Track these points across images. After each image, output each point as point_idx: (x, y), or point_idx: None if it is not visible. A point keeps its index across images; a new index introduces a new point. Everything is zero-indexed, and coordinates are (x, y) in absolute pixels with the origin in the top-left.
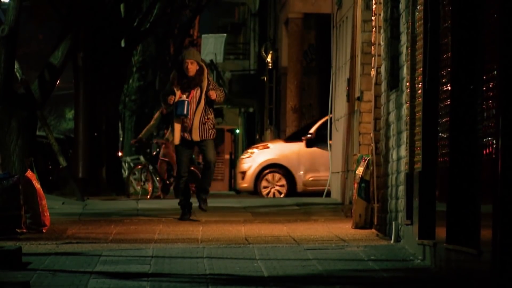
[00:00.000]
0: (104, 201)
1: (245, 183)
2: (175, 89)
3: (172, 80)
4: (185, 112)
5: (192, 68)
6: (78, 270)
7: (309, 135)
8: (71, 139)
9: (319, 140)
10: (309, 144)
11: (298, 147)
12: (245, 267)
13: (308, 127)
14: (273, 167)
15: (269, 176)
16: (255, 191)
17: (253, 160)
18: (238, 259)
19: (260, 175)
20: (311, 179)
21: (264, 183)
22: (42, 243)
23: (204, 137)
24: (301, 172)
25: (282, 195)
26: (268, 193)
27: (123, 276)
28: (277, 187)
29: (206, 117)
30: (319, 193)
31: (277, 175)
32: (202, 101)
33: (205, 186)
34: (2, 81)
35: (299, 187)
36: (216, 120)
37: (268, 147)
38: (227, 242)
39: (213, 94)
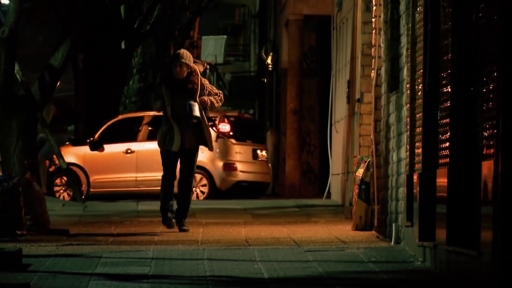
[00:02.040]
0: (104, 203)
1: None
2: (164, 94)
3: (160, 84)
4: (196, 114)
5: (181, 72)
6: (78, 272)
7: (92, 139)
8: (71, 141)
9: (102, 143)
10: (92, 147)
11: (84, 151)
12: (246, 269)
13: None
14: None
15: (59, 180)
16: (48, 192)
17: None
18: (238, 260)
19: (51, 178)
20: (97, 181)
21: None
22: (42, 245)
23: (196, 144)
24: (87, 175)
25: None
26: (59, 196)
27: (124, 278)
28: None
29: (197, 124)
30: (107, 195)
31: (65, 178)
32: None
33: (186, 206)
34: (2, 82)
35: (84, 188)
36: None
37: None
38: (228, 244)
39: (204, 101)
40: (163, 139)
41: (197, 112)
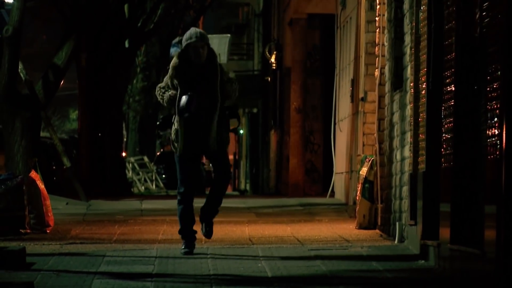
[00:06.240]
0: (108, 202)
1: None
2: (177, 82)
3: (173, 70)
4: (191, 108)
5: (203, 55)
6: (82, 271)
7: None
8: (75, 140)
9: None
10: None
11: None
12: (249, 268)
13: None
14: None
15: None
16: None
17: None
18: (242, 259)
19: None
20: None
21: None
22: (46, 243)
23: (221, 144)
24: None
25: None
26: None
27: (127, 277)
28: None
29: (221, 118)
30: None
31: None
32: (217, 97)
33: (216, 208)
34: (6, 81)
35: None
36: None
37: None
38: (231, 242)
39: (232, 89)
40: (177, 140)
41: (192, 107)
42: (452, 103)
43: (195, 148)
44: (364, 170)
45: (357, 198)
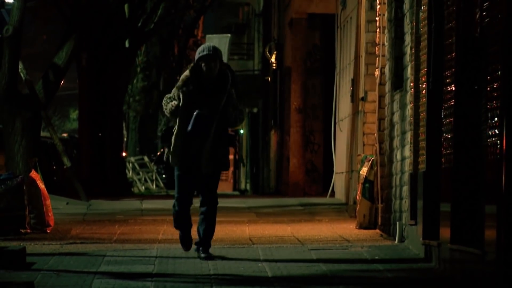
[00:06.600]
0: (108, 202)
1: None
2: (181, 94)
3: (183, 82)
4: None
5: (215, 69)
6: (82, 270)
7: None
8: (75, 140)
9: None
10: None
11: None
12: (249, 267)
13: None
14: None
15: None
16: None
17: None
18: (242, 259)
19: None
20: None
21: None
22: (46, 243)
23: (215, 169)
24: None
25: None
26: None
27: (127, 276)
28: None
29: (219, 141)
30: None
31: None
32: (215, 115)
33: (207, 238)
34: (6, 81)
35: None
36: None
37: None
38: (231, 242)
39: (232, 115)
40: (175, 153)
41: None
42: (452, 103)
43: (190, 165)
44: (364, 170)
45: (358, 198)
